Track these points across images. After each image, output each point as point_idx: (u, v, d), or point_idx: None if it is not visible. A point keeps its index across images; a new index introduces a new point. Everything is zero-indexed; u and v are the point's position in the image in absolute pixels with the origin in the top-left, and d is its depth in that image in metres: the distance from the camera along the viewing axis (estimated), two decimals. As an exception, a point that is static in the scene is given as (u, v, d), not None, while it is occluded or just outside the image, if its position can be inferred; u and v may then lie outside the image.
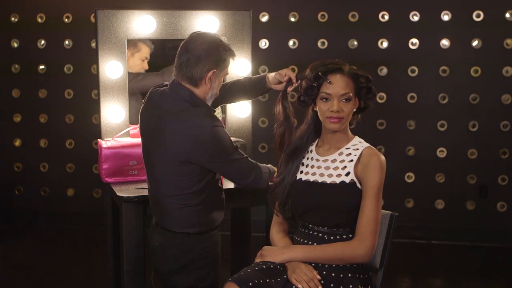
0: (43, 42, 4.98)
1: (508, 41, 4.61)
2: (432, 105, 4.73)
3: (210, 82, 2.43)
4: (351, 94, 2.31)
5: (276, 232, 2.47)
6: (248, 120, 3.30)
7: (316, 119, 2.40)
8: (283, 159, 2.45)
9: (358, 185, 2.29)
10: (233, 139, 2.58)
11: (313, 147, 2.43)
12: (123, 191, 2.79)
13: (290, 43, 4.79)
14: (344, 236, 2.31)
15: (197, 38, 2.43)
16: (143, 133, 2.55)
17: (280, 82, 2.58)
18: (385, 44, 4.72)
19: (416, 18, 4.68)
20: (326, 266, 2.28)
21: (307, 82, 2.35)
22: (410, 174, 4.81)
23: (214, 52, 2.41)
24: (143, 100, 2.56)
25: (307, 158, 2.42)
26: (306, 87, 2.35)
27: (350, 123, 2.42)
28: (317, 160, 2.39)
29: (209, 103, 2.50)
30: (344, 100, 2.30)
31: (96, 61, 3.08)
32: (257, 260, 2.34)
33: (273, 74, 2.62)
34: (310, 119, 2.43)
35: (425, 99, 4.74)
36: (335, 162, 2.35)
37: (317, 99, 2.34)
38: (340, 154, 2.35)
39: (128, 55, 3.18)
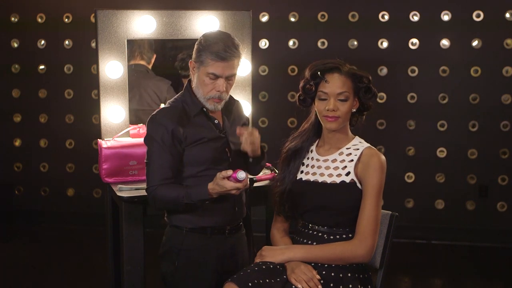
0: (43, 42, 4.97)
1: (508, 41, 4.61)
2: (432, 105, 4.73)
3: (192, 73, 2.43)
4: (347, 94, 2.31)
5: (276, 232, 2.48)
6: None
7: (318, 119, 2.40)
8: (283, 158, 2.46)
9: (358, 185, 2.29)
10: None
11: (313, 147, 2.43)
12: (123, 191, 2.79)
13: (290, 43, 4.79)
14: (344, 236, 2.31)
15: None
16: None
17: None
18: (385, 44, 4.72)
19: (416, 18, 4.67)
20: (326, 265, 2.28)
21: (305, 81, 2.35)
22: (410, 174, 4.81)
23: (196, 44, 2.40)
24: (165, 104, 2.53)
25: (308, 158, 2.42)
26: (304, 85, 2.35)
27: (351, 124, 2.42)
28: (318, 160, 2.39)
29: (202, 97, 2.40)
30: (340, 100, 2.30)
31: (96, 61, 3.08)
32: (257, 260, 2.34)
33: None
34: (313, 119, 2.44)
35: (425, 99, 4.74)
36: (335, 162, 2.35)
37: (316, 98, 2.34)
38: (341, 154, 2.35)
39: None
